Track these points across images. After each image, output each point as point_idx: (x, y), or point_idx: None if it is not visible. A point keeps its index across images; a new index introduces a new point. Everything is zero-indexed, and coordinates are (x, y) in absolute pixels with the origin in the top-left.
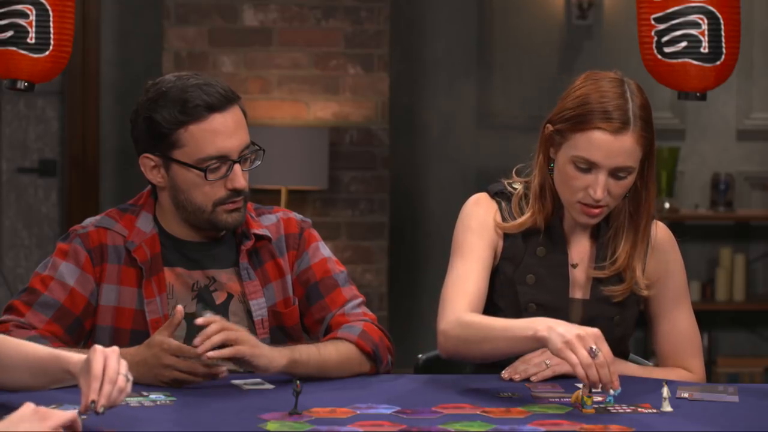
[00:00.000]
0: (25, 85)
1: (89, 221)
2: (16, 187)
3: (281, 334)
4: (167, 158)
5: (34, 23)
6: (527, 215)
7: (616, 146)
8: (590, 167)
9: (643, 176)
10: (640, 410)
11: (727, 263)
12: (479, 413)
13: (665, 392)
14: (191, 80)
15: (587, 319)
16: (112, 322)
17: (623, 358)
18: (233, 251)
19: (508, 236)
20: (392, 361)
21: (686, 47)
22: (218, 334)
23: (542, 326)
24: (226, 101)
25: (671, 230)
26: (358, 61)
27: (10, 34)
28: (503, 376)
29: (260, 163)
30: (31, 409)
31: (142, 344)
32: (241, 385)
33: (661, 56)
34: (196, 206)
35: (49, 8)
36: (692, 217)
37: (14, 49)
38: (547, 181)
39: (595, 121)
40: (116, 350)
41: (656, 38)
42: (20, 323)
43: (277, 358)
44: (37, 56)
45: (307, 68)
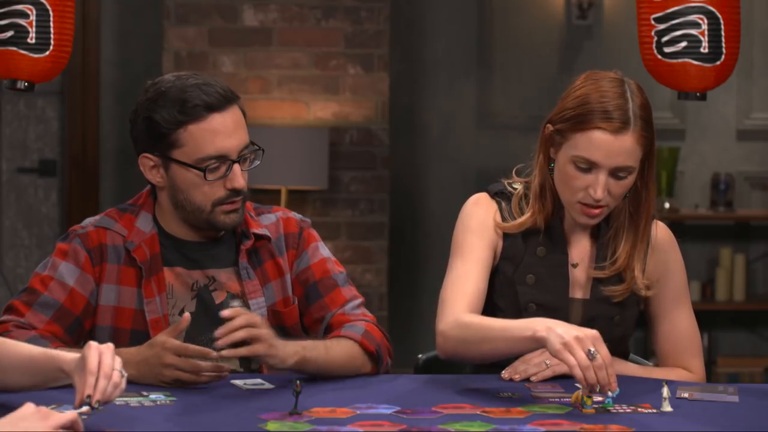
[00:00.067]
0: (25, 85)
1: (89, 221)
2: (16, 187)
3: (281, 333)
4: (166, 158)
5: (34, 23)
6: (527, 215)
7: (616, 146)
8: (590, 167)
9: (643, 176)
10: (640, 410)
11: (727, 263)
12: (479, 413)
13: (665, 392)
14: (190, 80)
15: (587, 319)
16: (111, 322)
17: (623, 358)
18: (233, 251)
19: (507, 236)
20: (391, 362)
21: (686, 47)
22: (241, 330)
23: (541, 327)
24: (225, 101)
25: (671, 230)
26: (358, 61)
27: (10, 34)
28: (503, 376)
29: (259, 162)
30: (32, 409)
31: (144, 344)
32: (241, 385)
33: (661, 56)
34: (195, 206)
35: (49, 8)
36: (692, 217)
37: (14, 49)
38: (547, 181)
39: (595, 120)
40: (111, 347)
41: (656, 38)
42: (20, 323)
43: (288, 356)
44: (37, 56)
45: (307, 68)
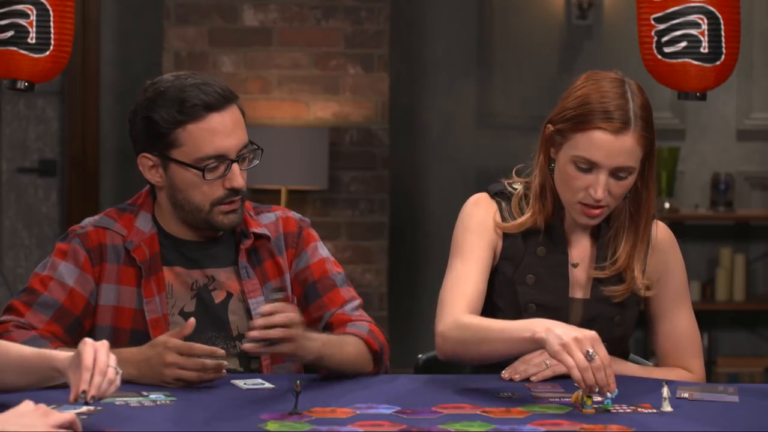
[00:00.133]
0: (25, 85)
1: (88, 221)
2: (16, 187)
3: None
4: (165, 158)
5: (34, 23)
6: (527, 215)
7: (616, 146)
8: (591, 167)
9: (643, 176)
10: (640, 410)
11: (727, 263)
12: (479, 413)
13: (665, 392)
14: (189, 80)
15: (587, 319)
16: (111, 321)
17: (623, 358)
18: (232, 250)
19: (507, 236)
20: (388, 365)
21: (686, 47)
22: (277, 330)
23: (540, 328)
24: (224, 100)
25: (671, 230)
26: (358, 61)
27: (10, 34)
28: (503, 376)
29: (258, 162)
30: (31, 406)
31: (145, 344)
32: (241, 385)
33: (661, 56)
34: (193, 206)
35: (49, 8)
36: (692, 217)
37: (15, 49)
38: (547, 181)
39: (595, 121)
40: (105, 344)
41: (656, 38)
42: (20, 323)
43: (306, 355)
44: (37, 56)
45: (307, 68)
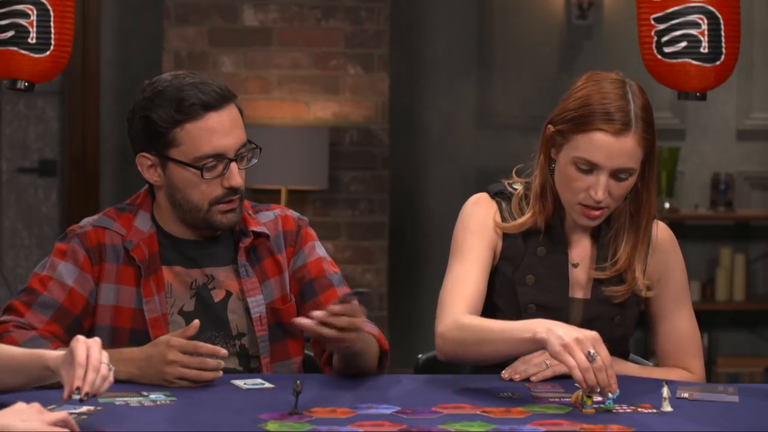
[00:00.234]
0: (25, 85)
1: (87, 221)
2: (16, 187)
3: (280, 330)
4: (164, 157)
5: (35, 23)
6: (528, 215)
7: (617, 147)
8: (591, 168)
9: (644, 177)
10: (640, 410)
11: (727, 263)
12: (479, 413)
13: (665, 392)
14: (187, 79)
15: (587, 319)
16: (111, 321)
17: (623, 358)
18: (231, 249)
19: (507, 236)
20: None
21: (686, 47)
22: (343, 319)
23: (541, 328)
24: (222, 100)
25: (671, 230)
26: (358, 61)
27: (11, 34)
28: (503, 376)
29: (257, 161)
30: (24, 405)
31: (148, 344)
32: (241, 385)
33: (661, 56)
34: (192, 205)
35: (49, 8)
36: (692, 217)
37: (15, 49)
38: (548, 181)
39: (596, 122)
40: (98, 340)
41: (656, 38)
42: (20, 323)
43: (353, 347)
44: (37, 56)
45: (307, 68)
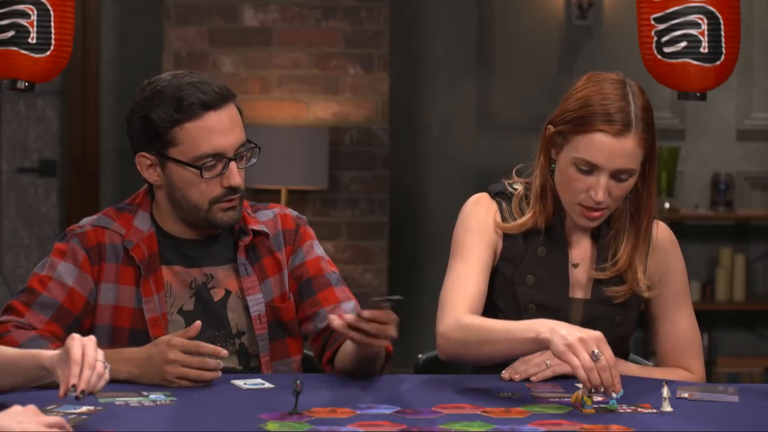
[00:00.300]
0: (25, 85)
1: (86, 221)
2: (16, 187)
3: (279, 329)
4: (163, 156)
5: (35, 23)
6: (528, 216)
7: (617, 148)
8: (592, 169)
9: (644, 177)
10: (640, 410)
11: (727, 263)
12: (479, 413)
13: (665, 392)
14: (186, 78)
15: (588, 319)
16: (110, 321)
17: (623, 358)
18: (230, 248)
19: (507, 237)
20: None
21: (686, 47)
22: (371, 325)
23: (544, 328)
24: (221, 99)
25: (671, 230)
26: (358, 61)
27: (11, 34)
28: (503, 376)
29: (256, 160)
30: (20, 408)
31: (149, 343)
32: (241, 385)
33: (661, 56)
34: (192, 204)
35: (50, 8)
36: (692, 217)
37: (15, 49)
38: (548, 181)
39: (596, 123)
40: (93, 338)
41: (656, 38)
42: (20, 323)
43: (378, 350)
44: (38, 56)
45: (307, 68)
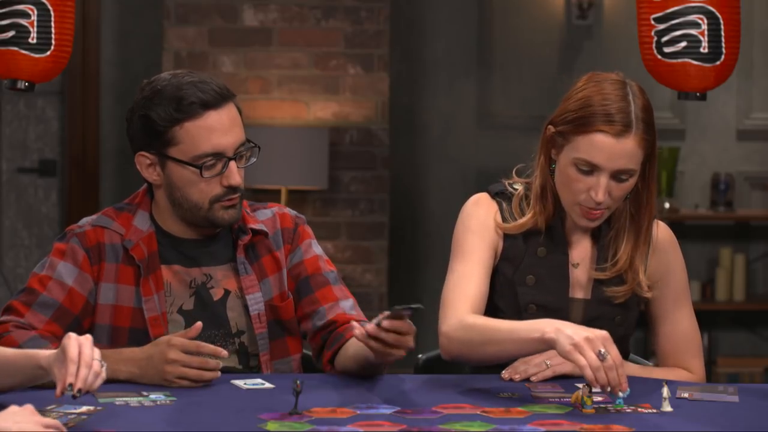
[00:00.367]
0: (25, 85)
1: (85, 221)
2: (16, 187)
3: (279, 327)
4: (163, 156)
5: (35, 23)
6: (528, 216)
7: (618, 149)
8: (592, 170)
9: (644, 178)
10: (640, 410)
11: (727, 263)
12: (479, 413)
13: (665, 392)
14: (186, 78)
15: (588, 319)
16: (110, 320)
17: (623, 358)
18: (229, 248)
19: (508, 237)
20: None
21: (686, 47)
22: (390, 335)
23: (550, 328)
24: (221, 98)
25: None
26: (358, 61)
27: (11, 34)
28: (503, 376)
29: (256, 160)
30: (17, 408)
31: (149, 343)
32: (241, 385)
33: (661, 56)
34: (192, 203)
35: (50, 8)
36: (692, 217)
37: (16, 49)
38: (548, 182)
39: (597, 123)
40: (89, 338)
41: (656, 38)
42: (20, 323)
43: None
44: (38, 56)
45: (307, 68)
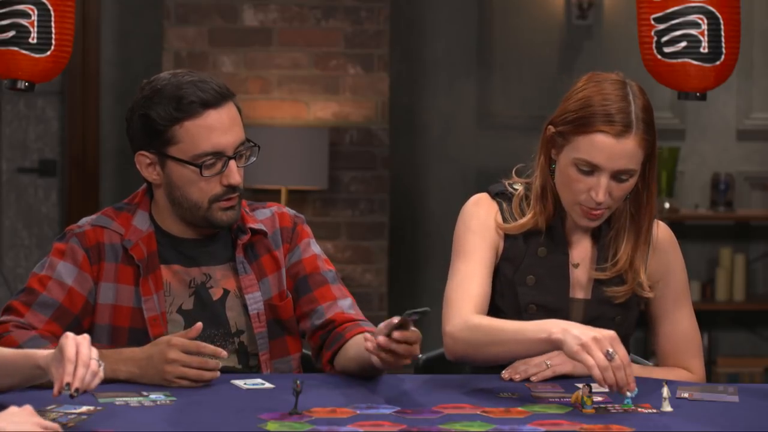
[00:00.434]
0: (25, 85)
1: (85, 220)
2: (16, 187)
3: (278, 327)
4: (162, 155)
5: (36, 23)
6: (529, 216)
7: (618, 149)
8: (592, 170)
9: (644, 178)
10: (640, 410)
11: (727, 263)
12: (479, 413)
13: (665, 392)
14: (186, 77)
15: (588, 319)
16: (110, 320)
17: None
18: (228, 247)
19: (508, 237)
20: None
21: (686, 47)
22: (402, 346)
23: (556, 329)
24: (220, 98)
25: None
26: (358, 61)
27: (12, 34)
28: (503, 376)
29: (255, 159)
30: (17, 408)
31: (149, 343)
32: (241, 385)
33: (661, 56)
34: (191, 203)
35: (50, 8)
36: (692, 217)
37: (16, 49)
38: (548, 182)
39: (597, 124)
40: (87, 337)
41: (656, 38)
42: (20, 323)
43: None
44: (38, 56)
45: (307, 68)
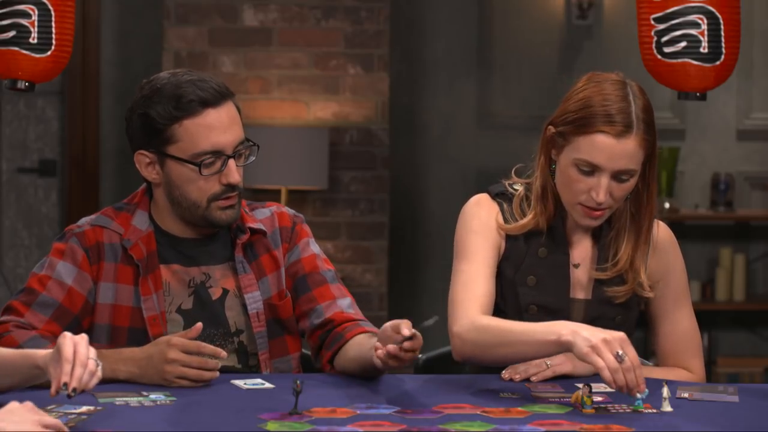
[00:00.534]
0: (25, 85)
1: (84, 220)
2: (16, 187)
3: (278, 326)
4: (162, 154)
5: (36, 23)
6: (529, 217)
7: (618, 149)
8: (593, 170)
9: (644, 178)
10: (640, 410)
11: (727, 263)
12: (479, 413)
13: (665, 392)
14: (185, 76)
15: (588, 320)
16: (109, 320)
17: None
18: (227, 247)
19: (509, 237)
20: None
21: (686, 47)
22: (409, 354)
23: (566, 330)
24: (220, 96)
25: (671, 230)
26: (358, 61)
27: (12, 34)
28: (503, 376)
29: (254, 158)
30: (17, 404)
31: (149, 343)
32: (241, 385)
33: (661, 56)
34: (191, 202)
35: (50, 8)
36: (692, 217)
37: (16, 49)
38: (548, 182)
39: (597, 124)
40: (85, 337)
41: (656, 38)
42: (20, 323)
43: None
44: (38, 56)
45: (307, 68)
